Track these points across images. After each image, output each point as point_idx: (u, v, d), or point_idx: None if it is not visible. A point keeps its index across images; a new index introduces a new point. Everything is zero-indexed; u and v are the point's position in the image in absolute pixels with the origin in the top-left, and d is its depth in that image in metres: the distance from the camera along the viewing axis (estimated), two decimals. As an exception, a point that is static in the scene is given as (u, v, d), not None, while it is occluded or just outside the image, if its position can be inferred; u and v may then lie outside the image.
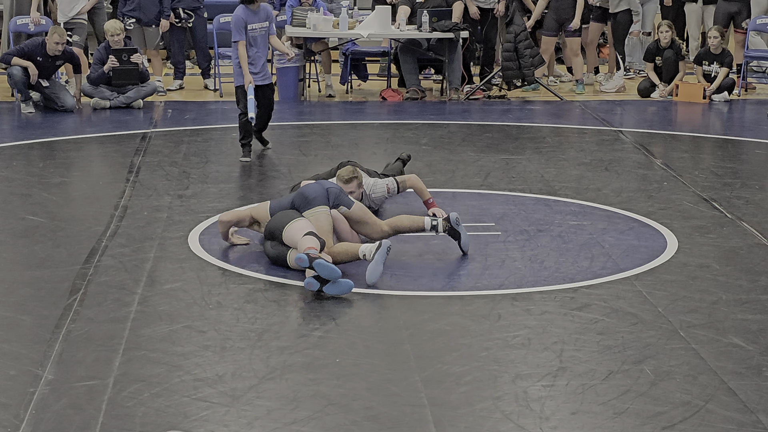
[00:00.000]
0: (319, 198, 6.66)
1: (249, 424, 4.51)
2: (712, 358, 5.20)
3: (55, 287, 6.17)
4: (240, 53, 9.19)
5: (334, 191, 6.77)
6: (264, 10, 9.30)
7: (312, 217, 6.57)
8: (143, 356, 5.20)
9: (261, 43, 9.31)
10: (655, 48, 13.11)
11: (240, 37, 9.16)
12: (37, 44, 11.61)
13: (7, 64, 11.66)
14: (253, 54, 9.25)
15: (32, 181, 8.70)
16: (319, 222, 6.55)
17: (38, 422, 4.51)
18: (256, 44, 9.26)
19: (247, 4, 9.18)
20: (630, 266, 6.62)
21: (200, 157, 9.62)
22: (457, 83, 12.95)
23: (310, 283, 6.02)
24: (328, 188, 6.76)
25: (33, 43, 11.66)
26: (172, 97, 12.81)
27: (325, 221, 6.59)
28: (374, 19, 12.56)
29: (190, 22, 13.03)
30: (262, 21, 9.25)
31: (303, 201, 6.67)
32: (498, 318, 5.74)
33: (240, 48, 9.18)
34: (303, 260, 6.05)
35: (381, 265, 6.25)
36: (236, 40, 9.19)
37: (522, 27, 12.80)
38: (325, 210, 6.62)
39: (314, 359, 5.20)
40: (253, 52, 9.24)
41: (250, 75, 9.21)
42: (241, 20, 9.14)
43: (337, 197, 6.76)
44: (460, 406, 4.68)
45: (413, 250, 6.86)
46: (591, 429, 4.48)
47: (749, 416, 4.59)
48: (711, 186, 8.66)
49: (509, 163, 9.49)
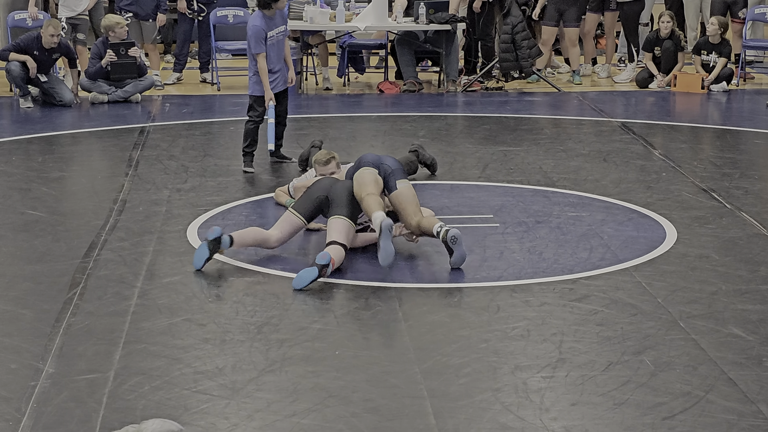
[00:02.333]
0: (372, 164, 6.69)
1: (249, 416, 4.52)
2: (712, 349, 5.21)
3: (55, 281, 6.18)
4: (260, 66, 8.56)
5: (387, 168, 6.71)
6: (279, 13, 8.67)
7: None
8: (143, 349, 5.20)
9: (279, 48, 8.74)
10: (655, 38, 13.10)
11: (261, 49, 8.54)
12: (32, 38, 11.60)
13: (5, 60, 11.65)
14: (272, 61, 8.67)
15: (31, 175, 8.69)
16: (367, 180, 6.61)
17: (39, 415, 4.51)
18: (273, 52, 8.66)
19: (265, 10, 8.55)
20: (629, 257, 6.62)
21: (198, 150, 9.62)
22: (455, 75, 12.95)
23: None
24: (381, 163, 6.72)
25: (28, 38, 11.65)
26: (170, 91, 12.81)
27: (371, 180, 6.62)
28: (371, 12, 12.55)
29: (201, 16, 13.02)
30: (279, 26, 8.69)
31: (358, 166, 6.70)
32: (497, 309, 5.75)
33: (260, 61, 8.55)
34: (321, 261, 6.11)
35: (389, 245, 6.22)
36: (257, 52, 8.55)
37: (519, 18, 12.79)
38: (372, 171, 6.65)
39: (314, 352, 5.20)
40: (271, 60, 8.66)
41: (271, 92, 8.66)
42: (261, 31, 8.52)
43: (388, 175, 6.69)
44: (460, 398, 4.68)
45: (412, 242, 6.85)
46: (591, 420, 4.49)
47: (750, 406, 4.59)
48: (710, 176, 8.66)
49: (507, 154, 9.49)
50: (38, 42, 11.54)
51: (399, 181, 6.66)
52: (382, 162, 6.70)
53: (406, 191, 6.68)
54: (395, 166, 6.73)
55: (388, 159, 6.79)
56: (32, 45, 11.54)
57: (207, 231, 6.52)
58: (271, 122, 8.78)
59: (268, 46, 8.62)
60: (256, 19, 8.61)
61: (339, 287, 6.09)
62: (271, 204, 7.86)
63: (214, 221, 7.36)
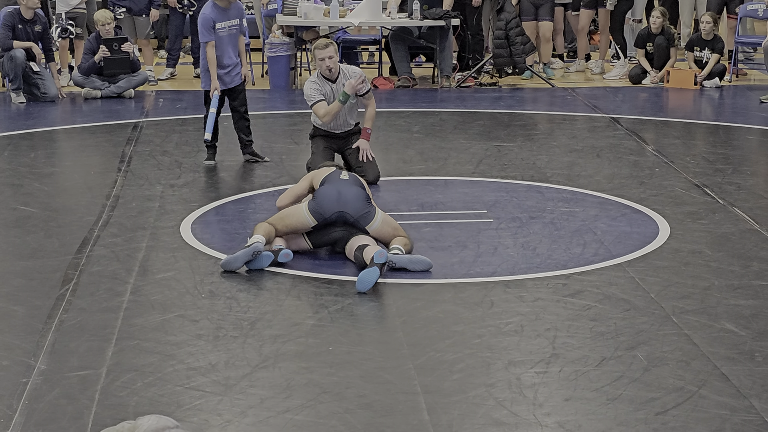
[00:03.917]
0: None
1: (242, 412, 4.51)
2: (705, 344, 5.21)
3: (48, 277, 6.16)
4: (208, 56, 8.61)
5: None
6: (235, 7, 8.69)
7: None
8: (136, 346, 5.19)
9: (230, 42, 8.71)
10: (647, 34, 13.11)
11: (207, 37, 8.57)
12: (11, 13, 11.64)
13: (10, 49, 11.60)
14: (222, 54, 8.67)
15: (24, 171, 8.68)
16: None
17: (31, 412, 4.50)
18: (223, 44, 8.66)
19: (216, 1, 8.59)
20: (622, 252, 6.62)
21: (192, 146, 9.60)
22: (449, 71, 12.95)
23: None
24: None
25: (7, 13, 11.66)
26: (164, 87, 12.79)
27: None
28: (365, 8, 12.55)
29: (192, 11, 13.00)
30: (232, 19, 8.68)
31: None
32: (491, 305, 5.74)
33: (208, 50, 8.59)
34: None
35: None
36: (205, 41, 8.58)
37: (513, 14, 12.80)
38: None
39: (307, 348, 5.19)
40: (221, 53, 8.66)
41: (217, 81, 8.66)
42: (209, 20, 8.55)
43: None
44: (453, 393, 4.68)
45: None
46: (584, 415, 4.49)
47: (742, 401, 4.59)
48: (703, 172, 8.67)
49: (501, 150, 9.49)
50: (18, 15, 11.58)
51: (368, 226, 6.48)
52: (344, 215, 6.48)
53: (378, 229, 6.52)
54: (357, 213, 6.49)
55: (348, 206, 6.49)
56: (13, 20, 11.58)
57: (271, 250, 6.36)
58: (212, 112, 8.73)
59: (218, 38, 8.62)
60: (206, 8, 8.66)
61: (332, 283, 6.08)
62: (263, 200, 7.85)
63: (208, 217, 7.35)
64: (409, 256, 6.30)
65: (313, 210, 6.49)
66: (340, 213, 6.45)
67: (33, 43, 11.57)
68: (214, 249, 6.65)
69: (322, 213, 6.47)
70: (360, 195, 6.50)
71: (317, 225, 6.50)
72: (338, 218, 6.46)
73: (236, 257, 6.19)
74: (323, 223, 6.49)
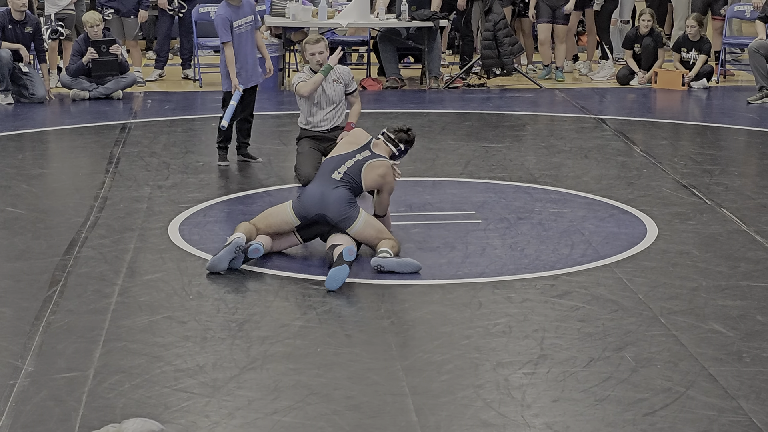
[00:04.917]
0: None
1: (230, 414, 4.51)
2: (693, 345, 5.22)
3: (35, 279, 6.15)
4: (227, 56, 8.58)
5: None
6: (247, 3, 8.66)
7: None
8: (123, 347, 5.18)
9: (248, 39, 8.71)
10: (634, 35, 13.13)
11: (226, 37, 8.54)
12: (1, 14, 11.60)
13: None
14: (242, 52, 8.68)
15: (11, 172, 8.65)
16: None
17: (18, 414, 4.49)
18: (242, 42, 8.64)
19: (229, 0, 8.60)
20: (610, 253, 6.63)
21: (180, 147, 9.59)
22: (437, 72, 12.96)
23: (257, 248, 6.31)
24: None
25: None
26: (152, 88, 12.77)
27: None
28: (353, 9, 12.54)
29: (182, 12, 12.98)
30: (246, 15, 8.68)
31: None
32: (479, 306, 5.75)
33: (227, 50, 8.57)
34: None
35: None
36: (224, 41, 8.56)
37: (501, 15, 12.81)
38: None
39: (295, 349, 5.19)
40: (241, 51, 8.65)
41: (237, 80, 8.62)
42: (226, 20, 8.51)
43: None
44: (442, 395, 4.68)
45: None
46: (572, 416, 4.49)
47: (730, 402, 4.60)
48: (690, 173, 8.68)
49: (489, 151, 9.50)
50: (8, 16, 11.54)
51: (348, 229, 6.46)
52: (324, 217, 6.48)
53: (360, 231, 6.49)
54: (337, 216, 6.46)
55: (329, 208, 6.46)
56: (4, 20, 11.53)
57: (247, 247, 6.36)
58: (233, 104, 8.67)
59: (236, 36, 8.62)
60: (221, 9, 8.64)
61: (321, 284, 6.07)
62: (251, 201, 7.84)
63: (196, 218, 7.35)
64: (397, 259, 6.30)
65: (297, 210, 6.51)
66: (320, 215, 6.47)
67: (21, 45, 11.53)
68: (202, 250, 6.64)
69: (305, 214, 6.50)
70: (342, 197, 6.50)
71: (300, 225, 6.53)
72: (320, 219, 6.49)
73: (220, 258, 6.19)
74: (306, 223, 6.52)
